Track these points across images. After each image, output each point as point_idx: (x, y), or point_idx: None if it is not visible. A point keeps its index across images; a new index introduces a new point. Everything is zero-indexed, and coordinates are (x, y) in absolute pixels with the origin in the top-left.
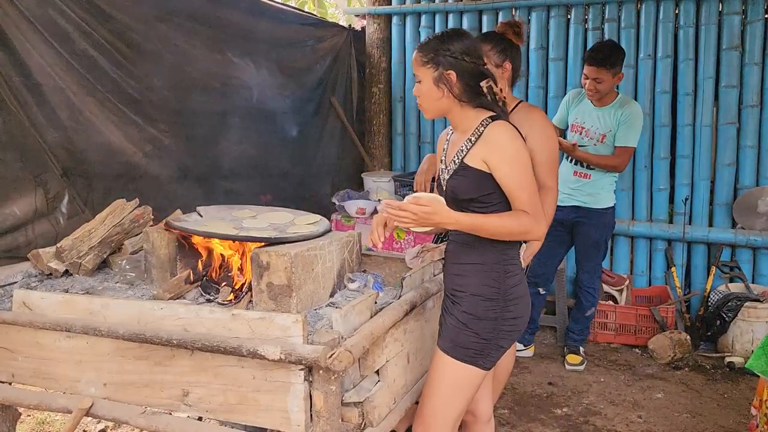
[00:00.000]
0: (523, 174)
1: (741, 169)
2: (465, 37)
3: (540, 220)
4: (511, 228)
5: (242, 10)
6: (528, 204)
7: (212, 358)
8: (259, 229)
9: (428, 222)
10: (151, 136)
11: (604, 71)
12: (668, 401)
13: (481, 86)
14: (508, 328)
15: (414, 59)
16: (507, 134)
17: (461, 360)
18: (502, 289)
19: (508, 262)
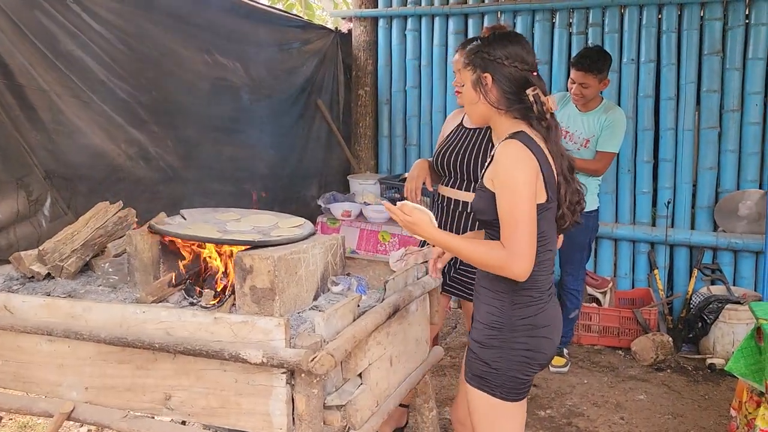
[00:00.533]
0: (509, 201)
1: (722, 172)
2: (512, 41)
3: (516, 259)
4: (483, 259)
5: (229, 12)
6: (507, 238)
7: (194, 361)
8: (243, 232)
9: (411, 230)
10: (134, 139)
11: (591, 77)
12: (650, 402)
13: (526, 94)
14: (519, 359)
15: (455, 60)
16: (509, 153)
17: (478, 389)
18: (506, 319)
19: (517, 292)
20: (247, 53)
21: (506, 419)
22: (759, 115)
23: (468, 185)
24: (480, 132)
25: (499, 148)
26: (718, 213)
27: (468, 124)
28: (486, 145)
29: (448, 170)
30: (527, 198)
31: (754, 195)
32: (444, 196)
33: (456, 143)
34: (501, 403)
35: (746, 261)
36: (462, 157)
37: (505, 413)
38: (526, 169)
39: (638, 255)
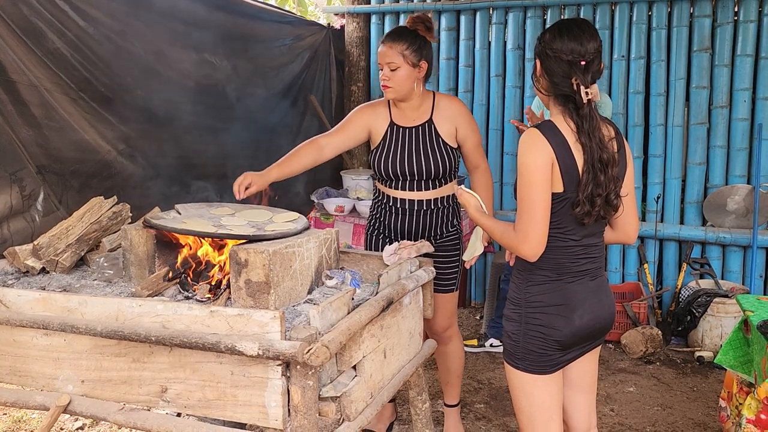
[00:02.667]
0: (521, 188)
1: (711, 168)
2: (568, 31)
3: (522, 241)
4: (503, 239)
5: (219, 8)
6: (519, 221)
7: (191, 354)
8: (238, 227)
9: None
10: (124, 135)
11: None
12: (640, 394)
13: (571, 83)
14: (534, 333)
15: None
16: (526, 143)
17: (508, 362)
18: (522, 295)
19: (533, 271)
20: (236, 50)
21: (535, 391)
22: (747, 112)
23: (419, 184)
24: (417, 129)
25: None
26: (706, 208)
27: (401, 121)
28: (429, 140)
29: (396, 174)
30: (536, 184)
31: (742, 190)
32: (396, 198)
33: (397, 145)
34: (527, 375)
35: (734, 255)
36: (410, 159)
37: (533, 386)
38: (538, 157)
39: (628, 249)
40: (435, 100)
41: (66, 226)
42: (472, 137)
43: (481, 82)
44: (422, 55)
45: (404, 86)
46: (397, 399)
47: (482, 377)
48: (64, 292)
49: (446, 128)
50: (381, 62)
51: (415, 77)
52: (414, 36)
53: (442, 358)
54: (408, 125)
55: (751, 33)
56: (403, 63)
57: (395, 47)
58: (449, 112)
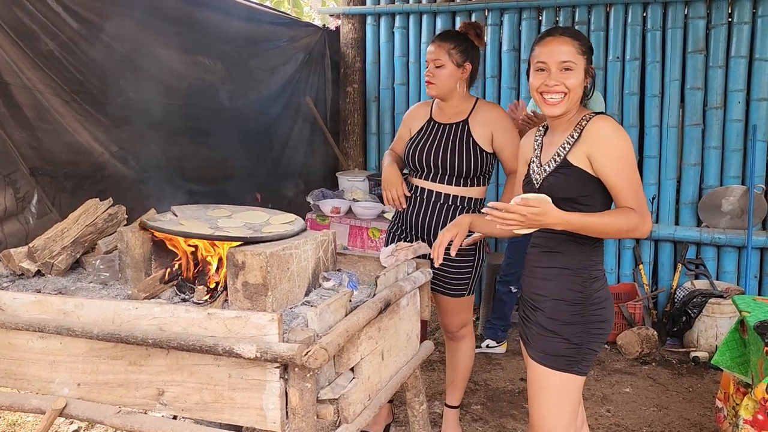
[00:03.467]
0: (627, 170)
1: (706, 169)
2: None
3: (646, 216)
4: (621, 226)
5: (214, 9)
6: (634, 201)
7: (188, 357)
8: (235, 228)
9: (536, 223)
10: (117, 137)
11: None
12: (636, 395)
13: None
14: (596, 331)
15: (570, 45)
16: (611, 128)
17: (557, 369)
18: (587, 294)
19: (593, 267)
20: (230, 51)
21: (576, 394)
22: (741, 113)
23: (444, 178)
24: (452, 126)
25: (596, 125)
26: (701, 209)
27: (439, 118)
28: (461, 138)
29: (423, 165)
30: (634, 163)
31: (737, 191)
32: (420, 187)
33: (430, 138)
34: (575, 378)
35: (729, 256)
36: (438, 152)
37: (577, 388)
38: (625, 139)
39: (624, 250)
40: (476, 105)
41: (61, 228)
42: (511, 145)
43: (477, 84)
44: (468, 57)
45: (446, 84)
46: (394, 400)
47: (479, 378)
48: (60, 294)
49: (481, 132)
50: (428, 59)
51: (458, 77)
52: (463, 38)
53: (452, 355)
54: (444, 122)
55: (745, 34)
56: (448, 61)
57: (443, 45)
58: (487, 117)
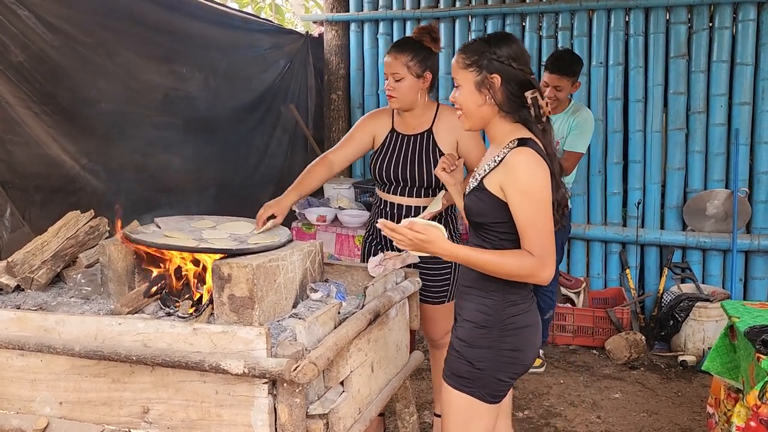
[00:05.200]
0: (535, 210)
1: (690, 173)
2: (513, 42)
3: (546, 263)
4: (511, 270)
5: (191, 17)
6: (535, 244)
7: (173, 373)
8: (220, 240)
9: (423, 249)
10: (88, 149)
11: (565, 79)
12: (626, 401)
13: (525, 96)
14: (505, 359)
15: (455, 61)
16: (526, 162)
17: (458, 389)
18: (498, 318)
19: (509, 290)
20: (208, 59)
21: (481, 420)
22: (724, 117)
23: (412, 191)
24: (416, 138)
25: (512, 156)
26: (686, 213)
27: (402, 129)
28: (426, 149)
29: (389, 179)
30: (548, 203)
31: (721, 195)
32: (388, 201)
33: (395, 151)
34: (479, 404)
35: (714, 259)
36: (404, 165)
37: (481, 414)
38: (544, 176)
39: (610, 255)
40: (438, 111)
41: (41, 241)
42: (476, 150)
43: None
44: (427, 66)
45: (408, 96)
46: (385, 411)
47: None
48: (41, 310)
49: (446, 139)
50: (386, 72)
51: (419, 88)
52: (419, 47)
53: (437, 363)
54: (408, 133)
55: (726, 39)
56: (407, 74)
57: (400, 58)
58: (450, 124)
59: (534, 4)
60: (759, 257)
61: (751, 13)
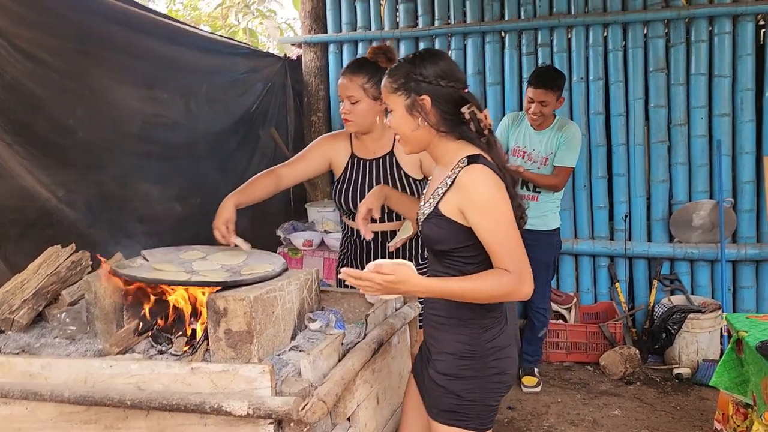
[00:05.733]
0: (500, 225)
1: (674, 185)
2: (440, 59)
3: (524, 279)
4: (491, 291)
5: (168, 41)
6: (509, 261)
7: (171, 416)
8: (212, 272)
9: (394, 290)
10: (65, 180)
11: (551, 94)
12: (625, 417)
13: (462, 113)
14: (493, 386)
15: (383, 86)
16: (481, 180)
17: (452, 425)
18: (479, 346)
19: (484, 316)
20: (186, 84)
21: None
22: (705, 128)
23: (383, 217)
24: (378, 162)
25: (465, 175)
26: (673, 224)
27: (362, 154)
28: (390, 172)
29: (356, 206)
30: (511, 217)
31: (707, 205)
32: (355, 230)
33: (358, 178)
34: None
35: (702, 270)
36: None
37: None
38: (501, 191)
39: (599, 269)
40: None
41: (21, 280)
42: None
43: None
44: None
45: (366, 120)
46: None
47: None
48: (24, 353)
49: (408, 160)
50: (341, 95)
51: (377, 110)
52: (375, 68)
53: None
54: (369, 157)
55: (703, 52)
56: (364, 96)
57: (355, 80)
58: None
59: (513, 21)
60: (746, 266)
61: (726, 26)
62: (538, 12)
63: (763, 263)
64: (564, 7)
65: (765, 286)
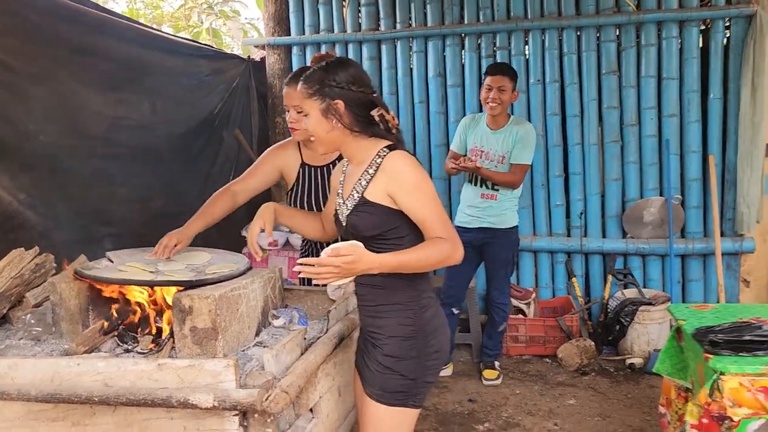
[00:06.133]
0: (429, 201)
1: (627, 183)
2: (350, 66)
3: (456, 243)
4: (436, 257)
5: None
6: (442, 230)
7: (137, 411)
8: (177, 272)
9: (352, 272)
10: (26, 184)
11: (507, 80)
12: (580, 406)
13: (371, 115)
14: (431, 363)
15: (299, 92)
16: (406, 163)
17: (394, 405)
18: (420, 325)
19: (421, 296)
20: (148, 86)
21: (410, 425)
22: (655, 128)
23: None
24: (329, 168)
25: (390, 161)
26: (625, 221)
27: (312, 161)
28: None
29: None
30: (436, 193)
31: (656, 202)
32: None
33: (310, 185)
34: (410, 411)
35: (654, 264)
36: (323, 197)
37: (410, 421)
38: (424, 171)
39: (557, 265)
40: None
41: None
42: None
43: (406, 109)
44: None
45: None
46: None
47: (428, 403)
48: None
49: None
50: (287, 104)
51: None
52: None
53: None
54: (319, 164)
55: (653, 56)
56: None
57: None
58: None
59: (473, 24)
60: (694, 260)
61: (673, 31)
62: (497, 16)
63: (710, 257)
64: (521, 11)
65: (712, 278)
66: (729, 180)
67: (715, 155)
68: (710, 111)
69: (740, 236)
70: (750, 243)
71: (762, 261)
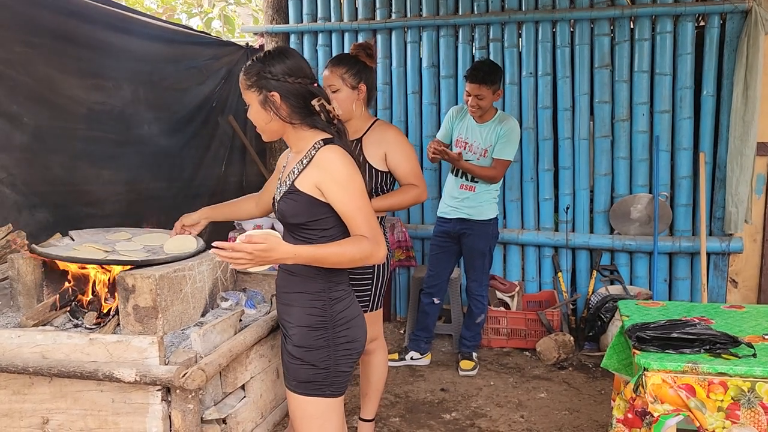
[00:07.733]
0: (357, 197)
1: (616, 178)
2: (288, 57)
3: (380, 242)
4: (353, 255)
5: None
6: (366, 228)
7: (71, 383)
8: (133, 252)
9: (266, 260)
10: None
11: (485, 88)
12: (550, 400)
13: (312, 105)
14: (344, 353)
15: (240, 83)
16: (338, 158)
17: (309, 395)
18: (329, 316)
19: (333, 288)
20: (137, 72)
21: (334, 415)
22: (646, 124)
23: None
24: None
25: (322, 155)
26: (612, 217)
27: None
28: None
29: None
30: (365, 190)
31: (644, 199)
32: None
33: None
34: (330, 401)
35: (640, 261)
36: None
37: (333, 410)
38: (355, 168)
39: (543, 259)
40: (373, 125)
41: None
42: (404, 165)
43: (399, 100)
44: (361, 78)
45: (344, 107)
46: None
47: (399, 391)
48: None
49: (374, 151)
50: (324, 85)
51: (354, 98)
52: (354, 61)
53: (364, 368)
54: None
55: (646, 51)
56: (342, 85)
57: (336, 71)
58: (380, 137)
59: (466, 16)
60: (681, 258)
61: (668, 26)
62: (491, 8)
63: (697, 256)
64: (515, 3)
65: (699, 277)
66: (720, 178)
67: (707, 153)
68: (703, 108)
69: (728, 236)
70: (738, 243)
71: (751, 261)
